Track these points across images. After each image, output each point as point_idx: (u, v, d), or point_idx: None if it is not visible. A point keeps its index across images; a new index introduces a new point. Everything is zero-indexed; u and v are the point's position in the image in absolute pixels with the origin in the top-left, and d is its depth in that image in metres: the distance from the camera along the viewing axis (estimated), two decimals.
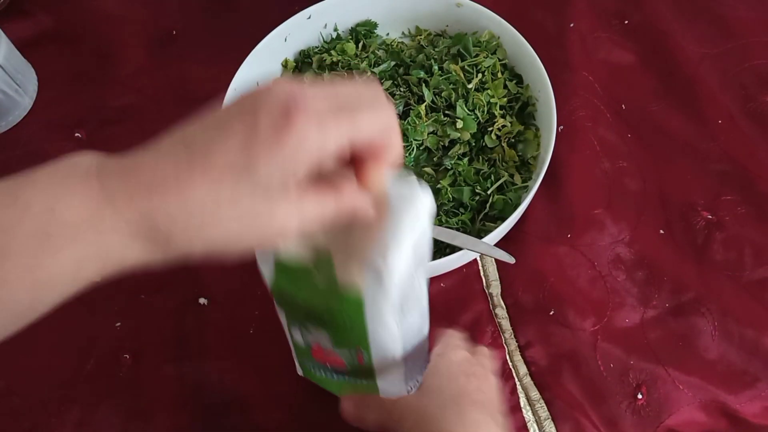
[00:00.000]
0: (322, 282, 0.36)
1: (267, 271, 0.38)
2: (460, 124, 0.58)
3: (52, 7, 0.78)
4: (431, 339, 0.42)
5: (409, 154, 0.59)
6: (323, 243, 0.36)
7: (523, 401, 0.52)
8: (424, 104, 0.60)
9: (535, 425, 0.51)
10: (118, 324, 0.57)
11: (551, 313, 0.55)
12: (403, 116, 0.61)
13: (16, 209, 0.28)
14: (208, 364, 0.55)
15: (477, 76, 0.61)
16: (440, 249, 0.56)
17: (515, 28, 0.61)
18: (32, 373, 0.56)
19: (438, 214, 0.57)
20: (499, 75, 0.62)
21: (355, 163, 0.33)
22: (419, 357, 0.41)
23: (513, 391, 0.53)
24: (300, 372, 0.45)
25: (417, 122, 0.59)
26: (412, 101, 0.61)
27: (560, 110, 0.62)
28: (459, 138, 0.59)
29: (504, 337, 0.55)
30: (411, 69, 0.63)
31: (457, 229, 0.55)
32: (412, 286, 0.35)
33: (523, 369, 0.53)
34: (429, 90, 0.60)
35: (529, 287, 0.56)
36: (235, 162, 0.29)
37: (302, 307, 0.38)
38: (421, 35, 0.69)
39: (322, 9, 0.66)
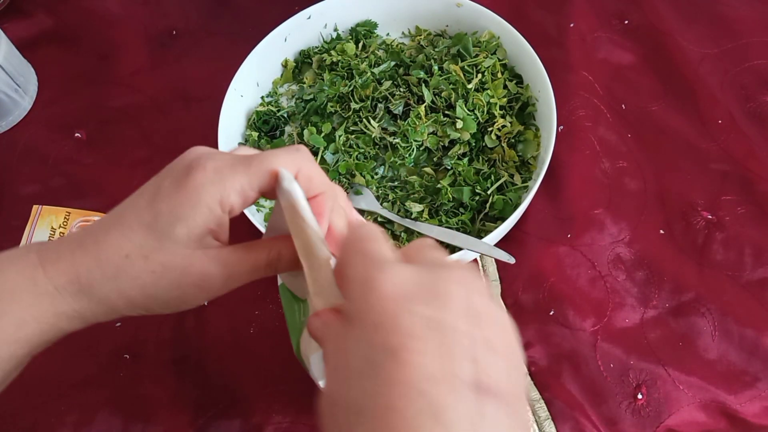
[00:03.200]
0: (300, 325, 0.36)
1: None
2: (460, 124, 0.58)
3: (52, 7, 0.78)
4: None
5: (409, 155, 0.59)
6: (306, 293, 0.35)
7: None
8: (424, 104, 0.60)
9: (535, 425, 0.51)
10: (118, 324, 0.57)
11: (551, 313, 0.55)
12: (403, 116, 0.61)
13: None
14: (208, 364, 0.55)
15: (477, 76, 0.61)
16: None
17: (515, 28, 0.61)
18: (32, 373, 0.56)
19: (438, 214, 0.57)
20: (499, 75, 0.62)
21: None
22: None
23: None
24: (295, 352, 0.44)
25: (417, 122, 0.59)
26: (412, 101, 0.62)
27: (560, 110, 0.62)
28: (459, 138, 0.59)
29: None
30: (411, 69, 0.63)
31: (457, 229, 0.55)
32: None
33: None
34: (429, 90, 0.60)
35: (529, 287, 0.56)
36: (142, 217, 0.32)
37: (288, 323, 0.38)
38: (421, 35, 0.69)
39: (322, 9, 0.66)
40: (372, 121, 0.61)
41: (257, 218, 0.56)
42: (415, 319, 0.25)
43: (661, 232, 0.58)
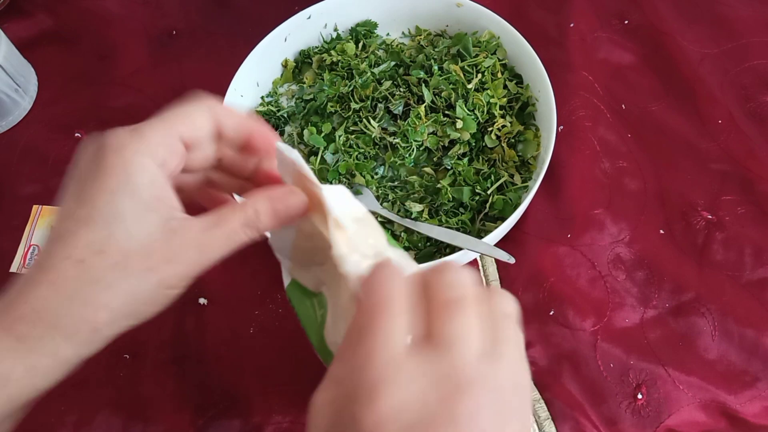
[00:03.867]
0: (319, 318, 0.35)
1: (284, 272, 0.38)
2: (460, 124, 0.58)
3: (52, 7, 0.78)
4: None
5: (409, 155, 0.59)
6: (321, 284, 0.34)
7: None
8: (424, 104, 0.60)
9: (535, 425, 0.51)
10: None
11: (551, 313, 0.55)
12: (403, 116, 0.61)
13: None
14: (208, 364, 0.55)
15: (477, 76, 0.61)
16: (440, 249, 0.56)
17: (515, 28, 0.61)
18: None
19: (438, 214, 0.57)
20: (499, 75, 0.62)
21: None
22: None
23: None
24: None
25: (417, 122, 0.59)
26: (412, 101, 0.61)
27: (560, 110, 0.62)
28: (459, 138, 0.59)
29: None
30: (411, 69, 0.63)
31: (457, 229, 0.55)
32: None
33: None
34: (429, 90, 0.60)
35: (529, 287, 0.56)
36: (76, 216, 0.28)
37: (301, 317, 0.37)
38: (421, 35, 0.69)
39: (322, 9, 0.66)
40: (372, 121, 0.61)
41: None
42: None
43: (661, 232, 0.58)
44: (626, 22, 0.71)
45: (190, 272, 0.29)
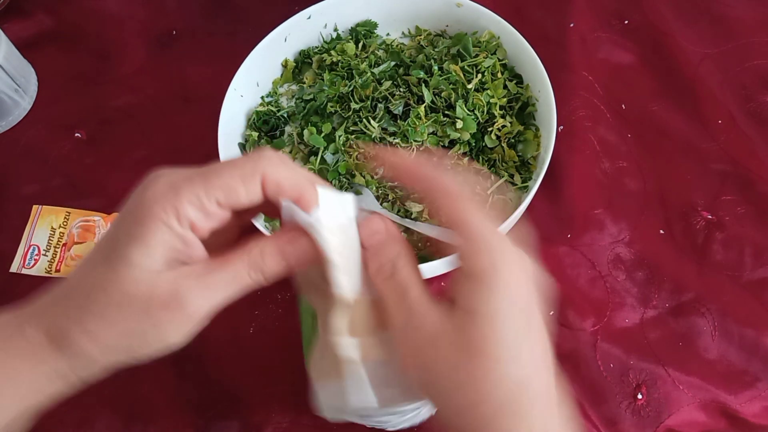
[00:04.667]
0: (312, 338, 0.35)
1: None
2: (459, 124, 0.58)
3: (52, 7, 0.78)
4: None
5: (410, 155, 0.59)
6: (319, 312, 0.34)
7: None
8: (424, 105, 0.60)
9: None
10: None
11: (551, 313, 0.54)
12: (403, 116, 0.61)
13: None
14: (208, 364, 0.55)
15: (477, 77, 0.61)
16: (440, 249, 0.56)
17: (515, 28, 0.61)
18: None
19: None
20: (499, 75, 0.62)
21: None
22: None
23: None
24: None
25: (417, 123, 0.59)
26: (411, 101, 0.61)
27: (560, 110, 0.62)
28: (459, 138, 0.59)
29: None
30: (411, 69, 0.63)
31: None
32: None
33: None
34: (429, 90, 0.60)
35: None
36: (103, 250, 0.29)
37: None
38: (421, 35, 0.69)
39: (322, 9, 0.66)
40: (372, 121, 0.61)
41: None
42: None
43: (661, 232, 0.58)
44: (626, 22, 0.71)
45: (189, 320, 0.30)
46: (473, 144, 0.59)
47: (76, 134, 0.69)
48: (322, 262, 0.30)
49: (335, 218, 0.31)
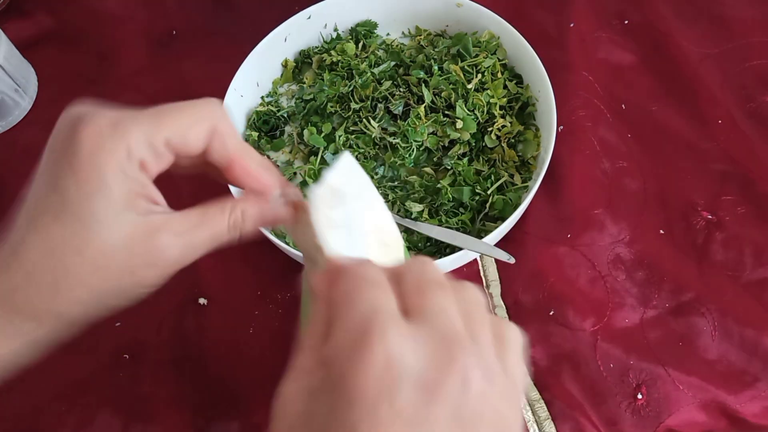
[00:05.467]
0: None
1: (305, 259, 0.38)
2: (459, 124, 0.58)
3: (52, 7, 0.78)
4: None
5: (409, 155, 0.59)
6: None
7: (522, 401, 0.52)
8: (424, 105, 0.60)
9: (535, 425, 0.51)
10: (118, 324, 0.57)
11: (551, 313, 0.55)
12: (403, 117, 0.61)
13: None
14: (208, 364, 0.55)
15: (477, 77, 0.61)
16: (440, 249, 0.56)
17: (515, 28, 0.61)
18: (31, 373, 0.56)
19: (438, 214, 0.57)
20: (499, 75, 0.62)
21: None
22: None
23: None
24: None
25: (417, 123, 0.59)
26: (411, 101, 0.62)
27: (560, 110, 0.62)
28: (459, 138, 0.59)
29: None
30: (411, 69, 0.63)
31: (457, 229, 0.55)
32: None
33: None
34: (429, 90, 0.60)
35: (529, 287, 0.56)
36: (52, 208, 0.27)
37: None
38: (421, 35, 0.69)
39: (322, 9, 0.66)
40: (372, 121, 0.61)
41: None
42: (394, 414, 0.22)
43: (661, 232, 0.58)
44: (626, 22, 0.71)
45: (170, 272, 0.29)
46: (473, 144, 0.59)
47: None
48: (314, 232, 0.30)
49: (344, 186, 0.31)
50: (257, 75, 0.66)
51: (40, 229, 0.27)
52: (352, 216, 0.31)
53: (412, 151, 0.59)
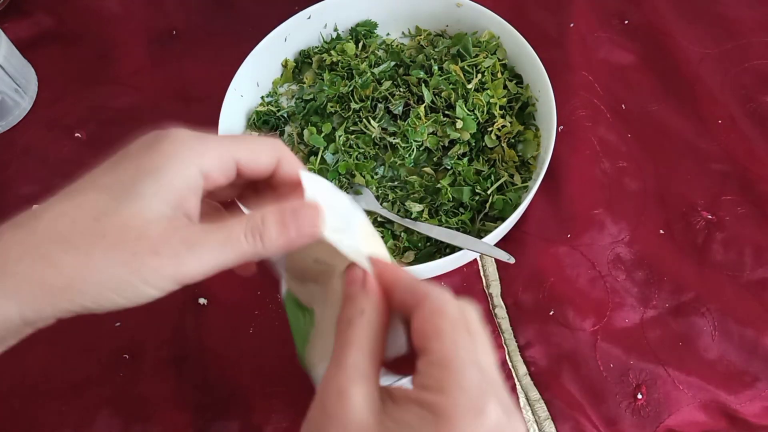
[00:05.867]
0: (305, 334, 0.34)
1: (282, 280, 0.37)
2: (459, 124, 0.58)
3: (52, 7, 0.78)
4: None
5: (409, 155, 0.59)
6: (313, 301, 0.34)
7: (522, 401, 0.52)
8: (424, 105, 0.60)
9: (534, 425, 0.51)
10: (118, 324, 0.57)
11: (551, 313, 0.55)
12: (403, 116, 0.61)
13: None
14: (208, 364, 0.55)
15: (477, 77, 0.61)
16: (440, 249, 0.56)
17: (515, 28, 0.61)
18: (31, 373, 0.56)
19: (438, 214, 0.57)
20: (499, 75, 0.62)
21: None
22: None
23: (513, 392, 0.53)
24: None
25: (417, 123, 0.59)
26: (411, 101, 0.62)
27: (560, 110, 0.62)
28: (459, 138, 0.59)
29: (504, 337, 0.55)
30: (411, 69, 0.63)
31: (457, 229, 0.55)
32: None
33: (522, 369, 0.53)
34: (429, 90, 0.60)
35: (529, 287, 0.56)
36: (99, 181, 0.27)
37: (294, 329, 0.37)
38: (421, 35, 0.69)
39: (322, 9, 0.66)
40: (372, 121, 0.61)
41: None
42: None
43: (661, 232, 0.58)
44: (626, 22, 0.71)
45: (175, 272, 0.27)
46: (473, 144, 0.59)
47: (76, 134, 0.69)
48: (323, 242, 0.29)
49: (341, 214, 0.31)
50: (257, 75, 0.66)
51: (75, 197, 0.26)
52: (346, 223, 0.31)
53: (412, 151, 0.59)
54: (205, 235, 0.27)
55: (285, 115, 0.65)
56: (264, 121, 0.64)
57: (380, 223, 0.58)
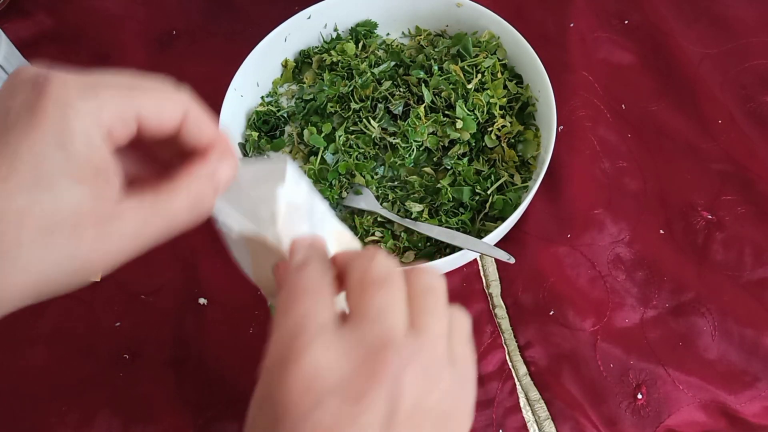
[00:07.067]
0: None
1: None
2: (459, 124, 0.58)
3: (52, 7, 0.78)
4: None
5: (409, 155, 0.59)
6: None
7: (522, 401, 0.52)
8: (424, 105, 0.60)
9: (534, 425, 0.51)
10: (118, 324, 0.57)
11: (551, 313, 0.55)
12: (403, 116, 0.61)
13: None
14: (208, 364, 0.55)
15: (477, 77, 0.61)
16: (440, 249, 0.56)
17: (515, 28, 0.61)
18: (32, 373, 0.56)
19: (438, 214, 0.57)
20: (499, 75, 0.62)
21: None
22: None
23: (513, 392, 0.53)
24: None
25: (417, 123, 0.59)
26: (411, 102, 0.62)
27: (560, 110, 0.62)
28: (459, 138, 0.59)
29: (504, 337, 0.55)
30: (411, 69, 0.63)
31: (457, 229, 0.55)
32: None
33: (522, 369, 0.53)
34: (429, 90, 0.60)
35: (529, 287, 0.56)
36: None
37: None
38: (421, 35, 0.69)
39: (322, 9, 0.66)
40: (372, 121, 0.61)
41: None
42: (322, 429, 0.22)
43: (661, 232, 0.58)
44: (626, 22, 0.71)
45: (119, 262, 0.25)
46: (473, 144, 0.59)
47: None
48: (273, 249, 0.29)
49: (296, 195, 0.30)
50: (257, 75, 0.66)
51: None
52: (307, 228, 0.31)
53: (412, 151, 0.59)
54: (147, 206, 0.26)
55: (285, 115, 0.65)
56: (264, 121, 0.64)
57: (380, 223, 0.58)
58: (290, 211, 0.29)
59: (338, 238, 0.32)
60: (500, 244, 0.56)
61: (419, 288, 0.26)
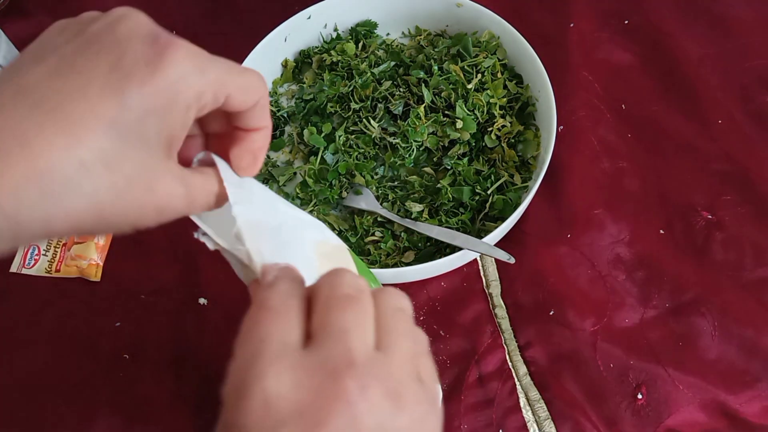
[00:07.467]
0: None
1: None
2: (459, 124, 0.58)
3: (52, 7, 0.78)
4: None
5: (409, 155, 0.59)
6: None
7: (522, 401, 0.52)
8: (424, 105, 0.60)
9: (534, 425, 0.51)
10: (118, 324, 0.57)
11: (551, 313, 0.54)
12: (403, 117, 0.61)
13: None
14: (208, 364, 0.55)
15: (477, 77, 0.61)
16: (440, 249, 0.56)
17: (515, 28, 0.61)
18: (32, 373, 0.56)
19: (438, 214, 0.57)
20: (499, 75, 0.62)
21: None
22: None
23: (513, 391, 0.53)
24: None
25: (417, 123, 0.59)
26: (411, 102, 0.62)
27: (560, 110, 0.62)
28: (459, 138, 0.59)
29: (504, 337, 0.55)
30: (411, 69, 0.63)
31: (457, 229, 0.55)
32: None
33: (522, 369, 0.53)
34: (429, 90, 0.60)
35: (529, 287, 0.56)
36: (101, 108, 0.23)
37: None
38: (421, 35, 0.69)
39: (322, 9, 0.66)
40: (372, 121, 0.61)
41: None
42: None
43: (661, 232, 0.58)
44: (626, 22, 0.71)
45: (162, 220, 0.26)
46: (473, 144, 0.59)
47: None
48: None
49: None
50: None
51: (77, 130, 0.23)
52: (280, 243, 0.30)
53: (412, 151, 0.59)
54: (200, 186, 0.28)
55: (285, 115, 0.65)
56: None
57: (380, 223, 0.58)
58: (252, 227, 0.29)
59: (319, 249, 0.32)
60: (500, 244, 0.56)
61: (387, 309, 0.26)
